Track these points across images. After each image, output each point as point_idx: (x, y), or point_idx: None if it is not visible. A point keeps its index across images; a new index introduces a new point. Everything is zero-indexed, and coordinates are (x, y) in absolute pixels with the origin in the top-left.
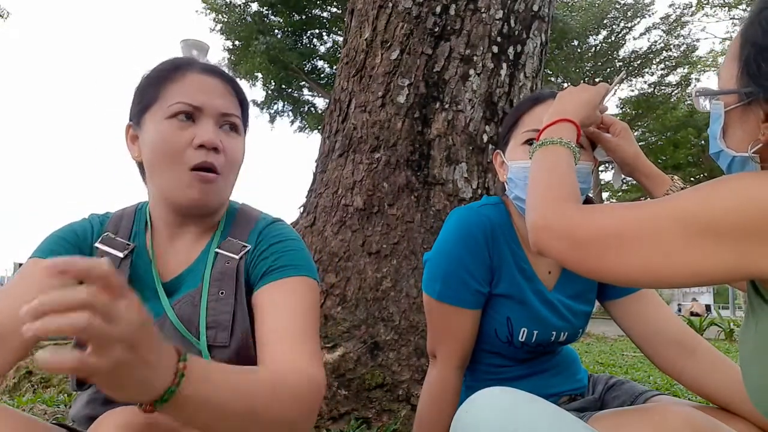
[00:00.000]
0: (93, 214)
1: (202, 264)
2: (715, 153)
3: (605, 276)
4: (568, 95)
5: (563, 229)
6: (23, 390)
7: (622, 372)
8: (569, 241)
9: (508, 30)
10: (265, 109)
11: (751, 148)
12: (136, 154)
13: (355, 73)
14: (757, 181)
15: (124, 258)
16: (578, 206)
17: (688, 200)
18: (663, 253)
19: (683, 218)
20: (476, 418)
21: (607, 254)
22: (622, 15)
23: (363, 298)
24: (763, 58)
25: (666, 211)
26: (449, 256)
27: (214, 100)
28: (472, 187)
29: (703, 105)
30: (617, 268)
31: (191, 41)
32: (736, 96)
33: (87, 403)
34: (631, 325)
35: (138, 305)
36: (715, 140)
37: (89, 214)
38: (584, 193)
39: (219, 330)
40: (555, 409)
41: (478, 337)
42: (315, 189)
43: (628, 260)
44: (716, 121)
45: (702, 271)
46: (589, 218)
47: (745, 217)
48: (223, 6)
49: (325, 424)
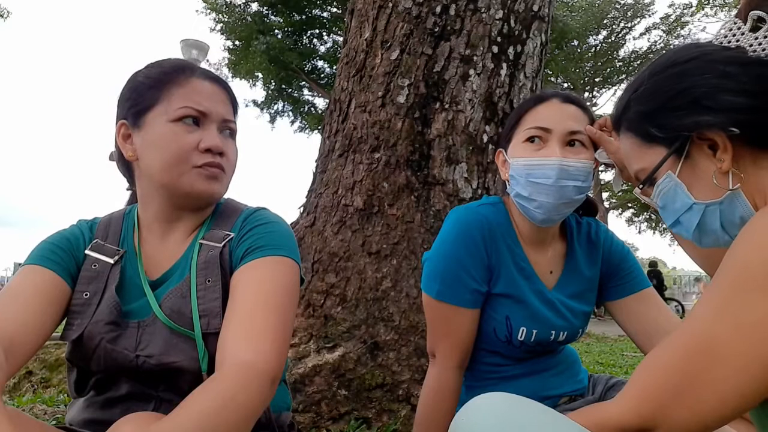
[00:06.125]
0: (81, 220)
1: (188, 256)
2: (686, 217)
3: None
4: None
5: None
6: (23, 390)
7: (622, 372)
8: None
9: (508, 30)
10: (266, 109)
11: (732, 184)
12: (130, 153)
13: (355, 73)
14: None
15: (115, 264)
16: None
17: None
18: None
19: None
20: (473, 424)
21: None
22: (622, 15)
23: (363, 298)
24: (662, 113)
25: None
26: (447, 256)
27: (218, 106)
28: (472, 187)
29: (659, 190)
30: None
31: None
32: (672, 159)
33: (86, 407)
34: (632, 324)
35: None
36: (688, 202)
37: (78, 220)
38: (584, 192)
39: (211, 317)
40: (553, 414)
41: (478, 337)
42: (315, 189)
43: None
44: (678, 189)
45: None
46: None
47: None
48: (223, 6)
49: (325, 424)
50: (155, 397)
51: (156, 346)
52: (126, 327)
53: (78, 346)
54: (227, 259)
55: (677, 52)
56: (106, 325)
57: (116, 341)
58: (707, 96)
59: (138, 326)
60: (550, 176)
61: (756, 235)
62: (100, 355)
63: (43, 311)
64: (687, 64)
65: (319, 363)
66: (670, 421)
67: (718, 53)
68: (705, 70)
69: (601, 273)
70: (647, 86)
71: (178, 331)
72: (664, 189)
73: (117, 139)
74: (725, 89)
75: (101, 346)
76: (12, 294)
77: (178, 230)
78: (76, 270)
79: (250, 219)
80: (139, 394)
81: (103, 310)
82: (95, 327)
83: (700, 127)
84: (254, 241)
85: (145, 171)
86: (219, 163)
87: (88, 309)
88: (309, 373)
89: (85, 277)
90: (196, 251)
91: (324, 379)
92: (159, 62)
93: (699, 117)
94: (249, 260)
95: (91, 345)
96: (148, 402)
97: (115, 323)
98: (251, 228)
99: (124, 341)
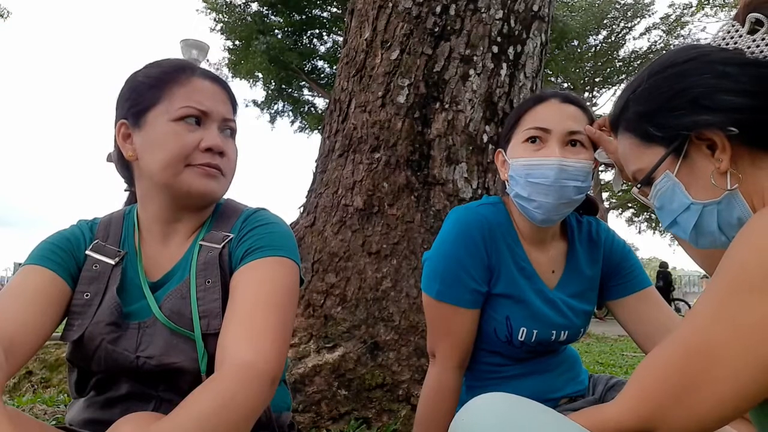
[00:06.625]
0: (81, 220)
1: (188, 258)
2: (683, 217)
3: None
4: None
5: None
6: (23, 390)
7: (622, 372)
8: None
9: (508, 30)
10: (266, 109)
11: (731, 184)
12: (130, 152)
13: (355, 73)
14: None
15: (116, 265)
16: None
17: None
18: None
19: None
20: (473, 424)
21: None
22: (622, 15)
23: (363, 298)
24: (661, 113)
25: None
26: (447, 256)
27: (218, 105)
28: (472, 187)
29: (657, 190)
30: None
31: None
32: (670, 159)
33: (86, 407)
34: (633, 324)
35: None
36: (686, 202)
37: (78, 221)
38: (584, 192)
39: (211, 318)
40: (554, 414)
41: (478, 337)
42: (315, 189)
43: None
44: (676, 189)
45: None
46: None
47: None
48: (223, 6)
49: (325, 424)
50: (155, 397)
51: (156, 347)
52: (126, 328)
53: (79, 347)
54: (227, 260)
55: (676, 53)
56: (106, 326)
57: (117, 342)
58: (706, 96)
59: (138, 327)
60: (550, 176)
61: (754, 237)
62: (100, 356)
63: (43, 311)
64: (686, 64)
65: (319, 363)
66: (668, 422)
67: (716, 54)
68: (703, 70)
69: (602, 272)
70: (646, 86)
71: (178, 332)
72: (662, 189)
73: (117, 138)
74: (724, 89)
75: (102, 346)
76: (12, 294)
77: (179, 232)
78: (76, 270)
79: (250, 220)
80: (140, 394)
81: (103, 311)
82: (96, 328)
83: (698, 127)
84: (254, 242)
85: (145, 171)
86: (217, 164)
87: (88, 310)
88: (309, 373)
89: (85, 277)
90: (196, 252)
91: (324, 379)
92: (158, 62)
93: (697, 117)
94: (249, 261)
95: (92, 346)
96: (148, 402)
97: (115, 324)
98: (251, 229)
99: (124, 342)
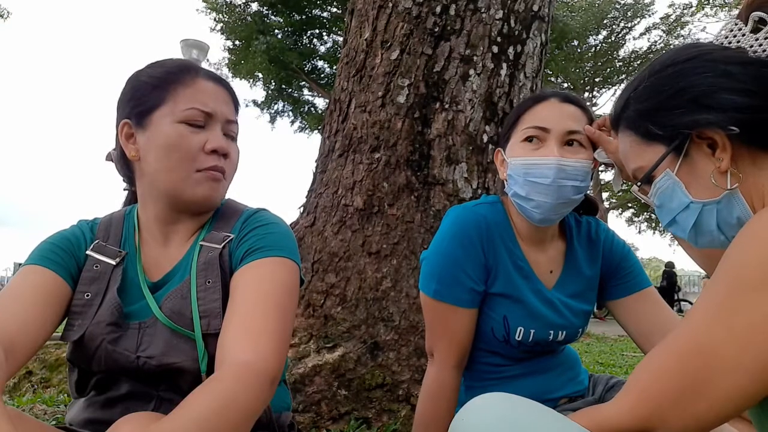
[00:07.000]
0: (81, 220)
1: (189, 258)
2: (683, 216)
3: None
4: None
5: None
6: (23, 390)
7: (622, 372)
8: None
9: (508, 30)
10: (266, 109)
11: (731, 184)
12: (133, 152)
13: (355, 73)
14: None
15: (117, 266)
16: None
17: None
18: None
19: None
20: (473, 424)
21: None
22: (622, 15)
23: (363, 298)
24: (662, 111)
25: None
26: (444, 255)
27: (222, 107)
28: (472, 187)
29: (657, 188)
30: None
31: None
32: (670, 158)
33: (86, 407)
34: (632, 324)
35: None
36: (685, 200)
37: (78, 221)
38: (583, 192)
39: (211, 318)
40: (553, 414)
41: (476, 337)
42: (315, 189)
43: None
44: (675, 187)
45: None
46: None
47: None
48: (223, 6)
49: (325, 424)
50: (156, 396)
51: (157, 347)
52: (127, 328)
53: (79, 347)
54: (227, 260)
55: (677, 52)
56: (107, 326)
57: (117, 342)
58: (707, 94)
59: (139, 327)
60: (548, 176)
61: (754, 237)
62: (101, 356)
63: (44, 311)
64: (687, 63)
65: (319, 363)
66: (667, 422)
67: (718, 53)
68: (705, 68)
69: (601, 272)
70: (647, 84)
71: (178, 332)
72: (662, 187)
73: (120, 138)
74: (725, 88)
75: (102, 347)
76: (12, 294)
77: (179, 233)
78: (76, 270)
79: (250, 220)
80: (140, 393)
81: (104, 311)
82: (96, 328)
83: (699, 126)
84: (254, 242)
85: (147, 171)
86: (222, 167)
87: (89, 310)
88: (309, 373)
89: (86, 277)
90: (197, 253)
91: (324, 379)
92: (161, 62)
93: (698, 115)
94: (249, 261)
95: (92, 346)
96: (148, 402)
97: (116, 324)
98: (251, 229)
99: (125, 342)
